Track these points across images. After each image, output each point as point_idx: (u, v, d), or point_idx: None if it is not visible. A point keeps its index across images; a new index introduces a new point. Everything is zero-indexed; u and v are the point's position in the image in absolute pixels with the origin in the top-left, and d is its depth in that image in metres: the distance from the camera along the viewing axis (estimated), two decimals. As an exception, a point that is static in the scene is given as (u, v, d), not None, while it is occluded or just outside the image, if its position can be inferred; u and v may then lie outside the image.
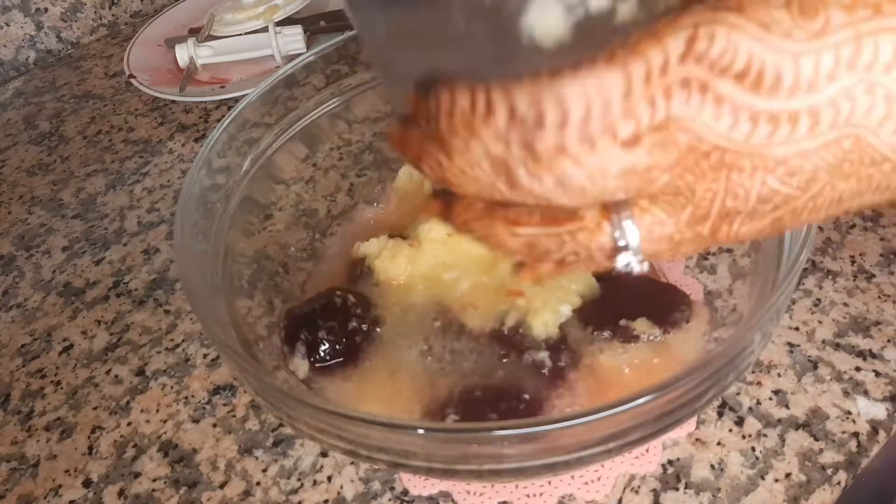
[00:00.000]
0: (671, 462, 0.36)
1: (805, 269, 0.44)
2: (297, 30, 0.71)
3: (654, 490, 0.35)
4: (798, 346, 0.40)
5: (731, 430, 0.37)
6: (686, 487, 0.35)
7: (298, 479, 0.38)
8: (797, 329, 0.41)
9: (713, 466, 0.36)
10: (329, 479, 0.38)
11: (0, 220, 0.61)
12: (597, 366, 0.37)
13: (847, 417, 0.37)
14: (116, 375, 0.46)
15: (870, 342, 0.40)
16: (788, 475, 0.35)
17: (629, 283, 0.41)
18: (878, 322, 0.41)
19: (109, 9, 0.87)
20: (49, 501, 0.39)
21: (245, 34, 0.73)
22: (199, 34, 0.74)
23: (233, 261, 0.39)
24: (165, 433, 0.42)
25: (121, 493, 0.39)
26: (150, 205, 0.59)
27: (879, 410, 0.37)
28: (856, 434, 0.36)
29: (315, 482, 0.38)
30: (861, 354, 0.39)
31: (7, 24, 0.80)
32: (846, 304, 0.42)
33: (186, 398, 0.43)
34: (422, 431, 0.26)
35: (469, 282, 0.40)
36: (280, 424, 0.41)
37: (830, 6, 0.18)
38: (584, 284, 0.39)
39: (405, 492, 0.37)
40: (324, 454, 0.39)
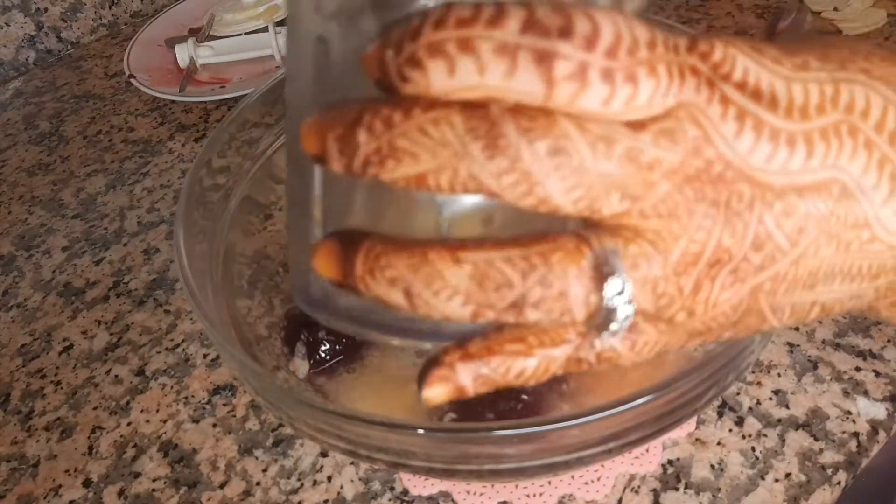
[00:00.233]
0: (671, 462, 0.36)
1: (805, 269, 0.44)
2: (297, 30, 0.71)
3: (654, 490, 0.35)
4: (798, 346, 0.40)
5: (731, 430, 0.37)
6: (686, 487, 0.35)
7: (298, 479, 0.38)
8: (797, 329, 0.41)
9: (713, 466, 0.36)
10: (329, 479, 0.38)
11: (0, 220, 0.61)
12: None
13: (847, 417, 0.37)
14: (116, 375, 0.46)
15: (870, 342, 0.40)
16: (788, 475, 0.35)
17: None
18: (878, 322, 0.41)
19: (109, 9, 0.87)
20: (49, 501, 0.39)
21: (245, 34, 0.73)
22: (199, 34, 0.74)
23: (233, 261, 0.39)
24: (165, 433, 0.42)
25: (121, 493, 0.39)
26: (150, 205, 0.59)
27: (879, 410, 0.37)
28: (856, 434, 0.36)
29: (315, 482, 0.38)
30: (861, 354, 0.39)
31: (7, 24, 0.80)
32: (846, 304, 0.42)
33: (186, 398, 0.43)
34: (422, 431, 0.26)
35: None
36: (280, 424, 0.41)
37: (807, 52, 0.19)
38: None
39: (405, 492, 0.37)
40: (324, 454, 0.39)
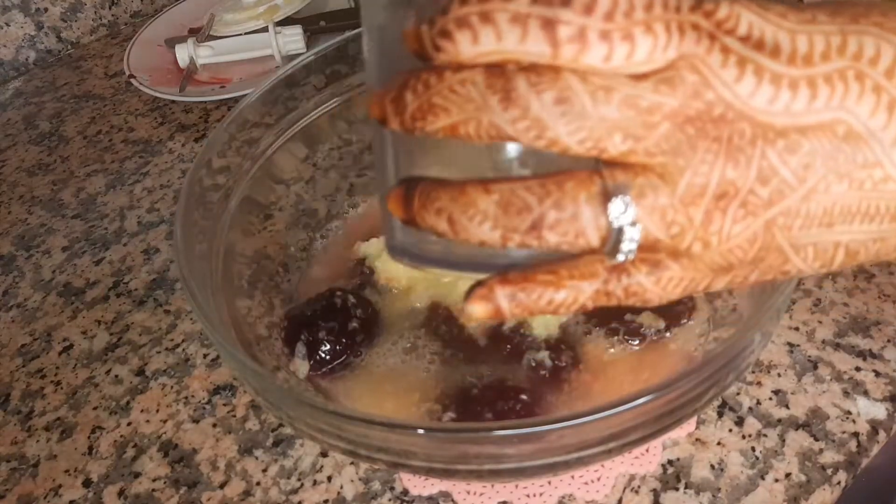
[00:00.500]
0: (671, 462, 0.36)
1: (805, 269, 0.44)
2: (297, 30, 0.71)
3: (654, 490, 0.35)
4: (798, 346, 0.40)
5: (731, 430, 0.37)
6: (686, 487, 0.35)
7: (298, 479, 0.38)
8: (797, 329, 0.41)
9: (713, 466, 0.36)
10: (329, 479, 0.38)
11: (0, 220, 0.61)
12: (597, 365, 0.37)
13: (847, 417, 0.37)
14: (116, 375, 0.46)
15: (870, 342, 0.40)
16: (788, 475, 0.35)
17: None
18: (878, 322, 0.41)
19: (109, 9, 0.87)
20: (49, 501, 0.39)
21: (245, 34, 0.73)
22: (199, 34, 0.74)
23: (233, 261, 0.39)
24: (165, 433, 0.42)
25: (121, 493, 0.39)
26: (150, 205, 0.59)
27: (879, 410, 0.37)
28: (856, 434, 0.36)
29: (315, 482, 0.38)
30: (861, 354, 0.39)
31: (7, 24, 0.80)
32: (846, 304, 0.42)
33: (186, 398, 0.43)
34: (422, 431, 0.26)
35: (470, 283, 0.40)
36: (280, 424, 0.41)
37: (816, 9, 0.20)
38: None
39: (405, 492, 0.37)
40: (324, 454, 0.39)
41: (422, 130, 0.21)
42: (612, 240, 0.20)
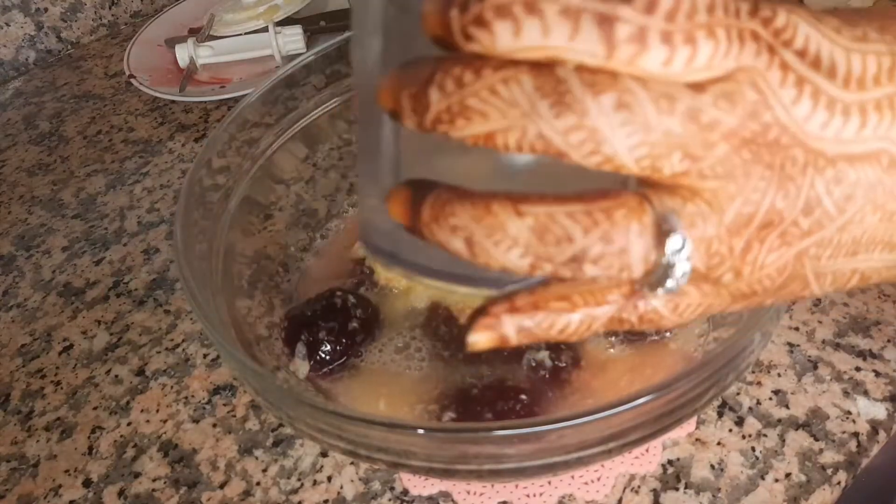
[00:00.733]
0: (671, 462, 0.36)
1: (805, 269, 0.44)
2: (297, 30, 0.71)
3: (654, 490, 0.35)
4: (798, 346, 0.40)
5: (731, 430, 0.37)
6: (686, 487, 0.35)
7: (298, 479, 0.38)
8: (797, 329, 0.41)
9: (713, 466, 0.36)
10: (329, 479, 0.38)
11: (0, 220, 0.61)
12: (597, 365, 0.37)
13: (847, 417, 0.37)
14: (116, 375, 0.46)
15: (870, 342, 0.40)
16: (788, 475, 0.35)
17: None
18: (878, 322, 0.41)
19: (109, 9, 0.87)
20: (49, 501, 0.39)
21: (245, 34, 0.73)
22: (199, 34, 0.74)
23: (233, 261, 0.39)
24: (165, 433, 0.42)
25: (121, 493, 0.39)
26: (150, 205, 0.59)
27: (879, 410, 0.37)
28: (856, 434, 0.36)
29: (315, 482, 0.38)
30: (861, 354, 0.39)
31: (7, 24, 0.80)
32: (846, 304, 0.42)
33: (186, 398, 0.43)
34: (422, 431, 0.26)
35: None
36: (280, 424, 0.41)
37: (866, 23, 0.19)
38: None
39: (405, 492, 0.37)
40: (324, 454, 0.39)
41: (445, 135, 0.18)
42: (659, 274, 0.19)
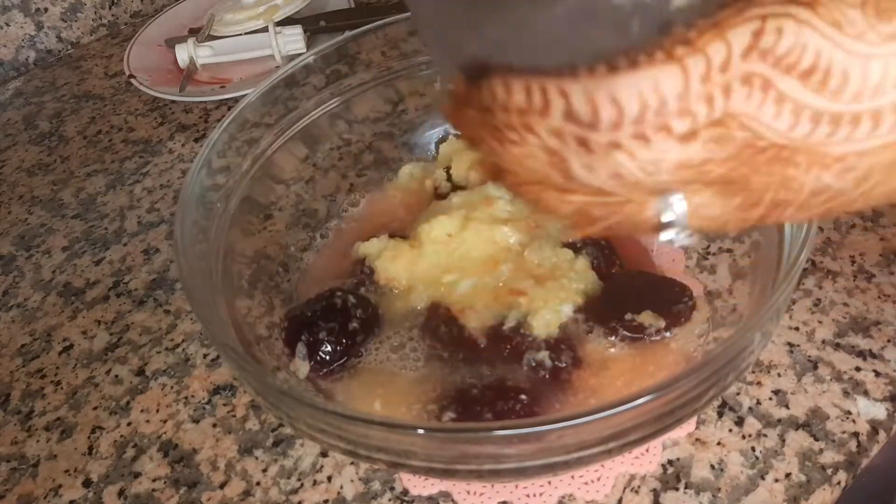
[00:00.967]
0: (671, 462, 0.36)
1: (805, 269, 0.44)
2: (297, 30, 0.71)
3: (654, 490, 0.35)
4: (798, 346, 0.40)
5: (731, 430, 0.37)
6: (686, 487, 0.35)
7: (298, 479, 0.38)
8: (797, 329, 0.41)
9: (713, 466, 0.36)
10: (329, 479, 0.38)
11: (0, 220, 0.61)
12: (597, 365, 0.37)
13: (847, 417, 0.37)
14: (116, 375, 0.46)
15: (870, 342, 0.40)
16: (788, 475, 0.35)
17: (631, 279, 0.41)
18: (878, 322, 0.41)
19: (109, 9, 0.87)
20: (49, 501, 0.39)
21: (245, 34, 0.73)
22: (199, 34, 0.74)
23: (233, 261, 0.39)
24: (165, 433, 0.42)
25: (121, 493, 0.39)
26: (150, 205, 0.59)
27: (879, 410, 0.37)
28: (856, 434, 0.36)
29: (315, 482, 0.38)
30: (861, 354, 0.39)
31: (7, 24, 0.80)
32: (846, 304, 0.42)
33: (186, 398, 0.43)
34: (422, 431, 0.26)
35: (470, 282, 0.40)
36: (280, 424, 0.41)
37: None
38: (587, 282, 0.39)
39: (405, 492, 0.37)
40: (324, 454, 0.39)
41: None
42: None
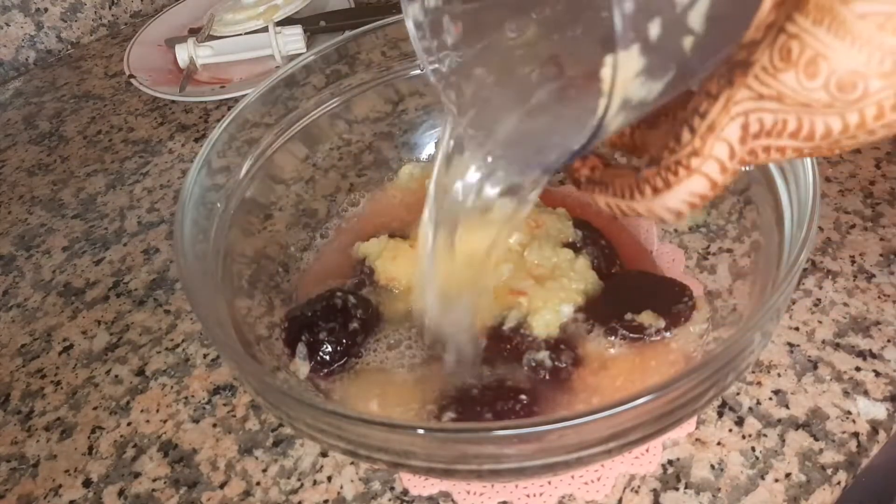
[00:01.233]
0: (671, 462, 0.36)
1: (805, 269, 0.44)
2: (297, 30, 0.71)
3: (654, 490, 0.35)
4: (798, 346, 0.40)
5: (731, 430, 0.37)
6: (686, 487, 0.35)
7: (298, 479, 0.38)
8: (797, 329, 0.41)
9: (713, 466, 0.36)
10: (329, 479, 0.38)
11: (0, 220, 0.61)
12: (597, 365, 0.37)
13: (847, 417, 0.37)
14: (116, 375, 0.46)
15: (870, 342, 0.40)
16: (788, 475, 0.35)
17: (631, 279, 0.41)
18: (878, 322, 0.41)
19: (109, 9, 0.87)
20: (49, 501, 0.39)
21: (245, 34, 0.73)
22: (199, 34, 0.74)
23: (233, 261, 0.39)
24: (165, 433, 0.42)
25: (121, 493, 0.39)
26: (150, 205, 0.59)
27: (879, 410, 0.37)
28: (856, 434, 0.36)
29: (315, 482, 0.38)
30: (861, 354, 0.39)
31: (7, 24, 0.80)
32: (846, 304, 0.42)
33: (186, 398, 0.43)
34: (422, 431, 0.26)
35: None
36: (280, 424, 0.41)
37: (869, 78, 0.21)
38: (587, 281, 0.39)
39: (405, 492, 0.37)
40: (324, 454, 0.39)
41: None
42: None
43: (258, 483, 0.38)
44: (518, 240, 0.41)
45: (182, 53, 0.72)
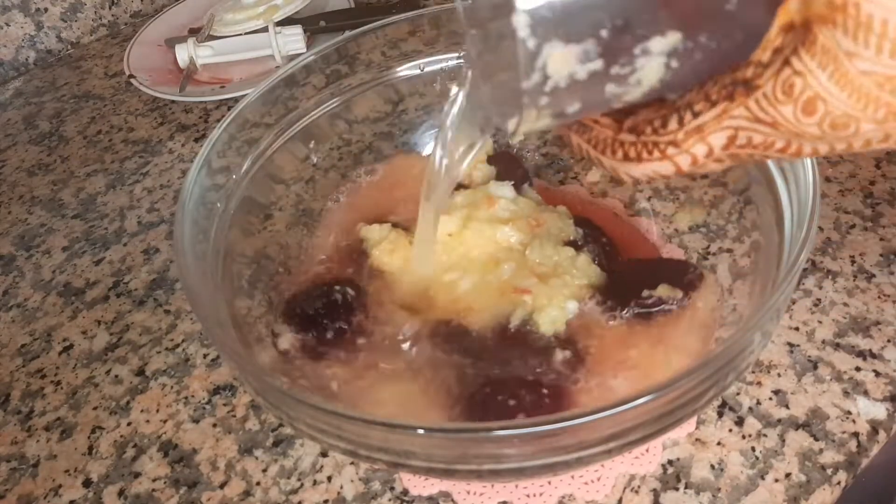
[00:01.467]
0: (671, 462, 0.36)
1: (805, 269, 0.44)
2: (297, 30, 0.71)
3: (654, 490, 0.35)
4: (798, 346, 0.40)
5: (731, 430, 0.37)
6: (686, 487, 0.35)
7: (298, 479, 0.38)
8: (797, 329, 0.41)
9: (713, 466, 0.36)
10: (329, 479, 0.38)
11: (0, 220, 0.61)
12: (621, 346, 0.37)
13: (847, 417, 0.37)
14: (116, 375, 0.46)
15: (870, 342, 0.40)
16: (788, 475, 0.35)
17: (635, 265, 0.42)
18: (878, 322, 0.41)
19: (109, 9, 0.87)
20: (49, 501, 0.39)
21: (245, 34, 0.73)
22: (199, 34, 0.74)
23: (233, 261, 0.39)
24: (165, 433, 0.42)
25: (121, 493, 0.39)
26: (150, 205, 0.59)
27: (879, 410, 0.37)
28: (856, 434, 0.36)
29: (315, 482, 0.38)
30: (861, 354, 0.39)
31: (7, 24, 0.80)
32: (846, 304, 0.42)
33: (186, 398, 0.43)
34: (422, 431, 0.26)
35: (471, 282, 0.40)
36: (280, 424, 0.41)
37: (862, 122, 0.21)
38: (591, 276, 0.39)
39: (405, 492, 0.37)
40: (324, 454, 0.39)
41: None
42: None
43: (258, 483, 0.38)
44: (519, 239, 0.41)
45: (182, 53, 0.72)
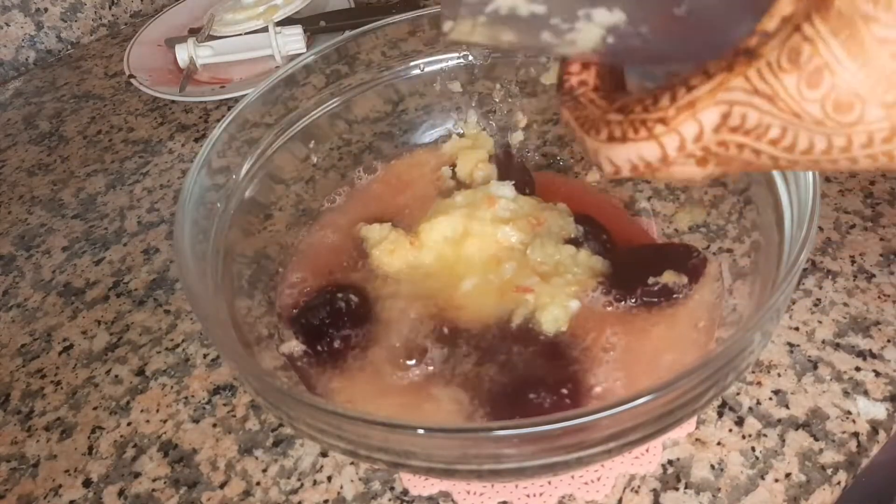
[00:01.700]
0: (671, 462, 0.36)
1: (805, 269, 0.44)
2: (297, 30, 0.71)
3: (654, 490, 0.35)
4: (798, 346, 0.40)
5: (731, 430, 0.37)
6: (686, 487, 0.35)
7: (298, 479, 0.38)
8: (797, 329, 0.41)
9: (713, 466, 0.36)
10: (329, 479, 0.38)
11: (0, 220, 0.61)
12: (632, 335, 0.37)
13: (847, 417, 0.37)
14: (116, 375, 0.46)
15: (870, 342, 0.40)
16: (788, 475, 0.35)
17: (636, 253, 0.42)
18: (878, 322, 0.41)
19: (109, 9, 0.87)
20: (49, 501, 0.39)
21: (245, 34, 0.73)
22: (199, 34, 0.74)
23: (233, 261, 0.39)
24: (165, 433, 0.42)
25: (121, 493, 0.39)
26: (150, 205, 0.59)
27: (879, 410, 0.37)
28: (856, 434, 0.36)
29: (315, 482, 0.38)
30: (861, 354, 0.39)
31: (7, 24, 0.80)
32: (846, 304, 0.42)
33: (186, 398, 0.43)
34: (422, 431, 0.26)
35: (472, 282, 0.40)
36: (280, 424, 0.41)
37: (868, 104, 0.20)
38: (594, 268, 0.40)
39: (405, 492, 0.37)
40: (324, 454, 0.39)
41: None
42: None
43: (258, 483, 0.38)
44: (520, 239, 0.41)
45: (182, 53, 0.72)
